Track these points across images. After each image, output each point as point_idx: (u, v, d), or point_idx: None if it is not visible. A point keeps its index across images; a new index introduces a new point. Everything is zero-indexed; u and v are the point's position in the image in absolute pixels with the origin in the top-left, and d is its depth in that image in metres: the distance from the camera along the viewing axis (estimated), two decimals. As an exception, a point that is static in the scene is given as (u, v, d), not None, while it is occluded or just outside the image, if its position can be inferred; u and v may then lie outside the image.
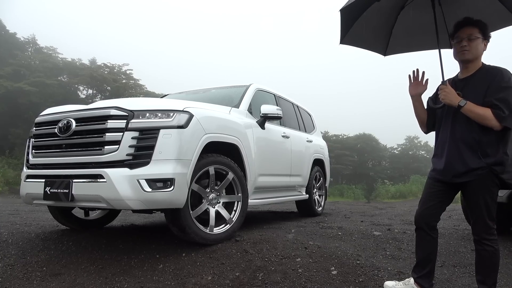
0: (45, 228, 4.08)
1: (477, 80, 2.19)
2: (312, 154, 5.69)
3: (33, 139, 3.30)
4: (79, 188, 2.87)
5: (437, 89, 2.34)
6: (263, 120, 4.19)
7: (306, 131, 5.86)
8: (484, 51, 2.23)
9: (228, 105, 4.01)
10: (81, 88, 28.84)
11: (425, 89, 2.44)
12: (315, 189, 5.78)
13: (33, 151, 3.27)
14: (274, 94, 5.11)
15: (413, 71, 2.46)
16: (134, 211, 3.18)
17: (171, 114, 2.96)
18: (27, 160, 3.34)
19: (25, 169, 3.35)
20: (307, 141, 5.61)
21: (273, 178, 4.47)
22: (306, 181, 5.42)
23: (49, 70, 26.13)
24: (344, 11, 2.65)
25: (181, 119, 2.97)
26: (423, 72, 2.43)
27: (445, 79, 2.30)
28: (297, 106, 5.91)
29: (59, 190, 2.93)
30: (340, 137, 41.56)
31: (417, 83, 2.44)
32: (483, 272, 2.19)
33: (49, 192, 2.98)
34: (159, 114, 2.95)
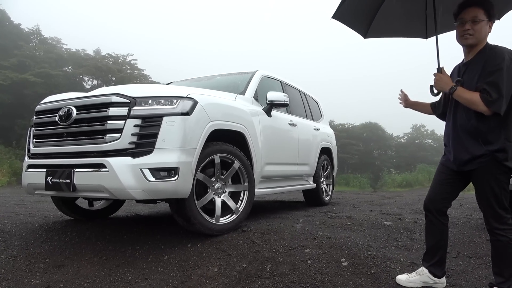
0: (49, 219, 4.03)
1: (475, 63, 2.09)
2: (320, 143, 5.57)
3: (33, 128, 3.22)
4: (80, 178, 2.78)
5: None
6: (270, 107, 4.07)
7: (313, 119, 5.73)
8: (489, 33, 2.11)
9: (234, 92, 3.89)
10: (86, 78, 28.85)
11: (410, 100, 2.62)
12: (322, 178, 5.67)
13: (34, 140, 3.18)
14: (280, 81, 4.98)
15: (399, 95, 2.67)
16: (138, 201, 3.09)
17: (175, 100, 2.85)
18: (28, 150, 3.26)
19: (26, 158, 3.27)
20: (315, 129, 5.48)
21: (280, 167, 4.37)
22: (313, 170, 5.31)
23: (53, 61, 26.11)
24: None
25: (185, 106, 2.86)
26: (401, 90, 2.65)
27: (440, 66, 2.23)
28: (304, 94, 5.78)
29: (60, 180, 2.84)
30: (346, 126, 41.23)
31: (404, 100, 2.64)
32: (500, 263, 2.10)
33: (50, 182, 2.90)
34: (162, 101, 2.84)
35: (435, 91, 2.28)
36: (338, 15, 2.79)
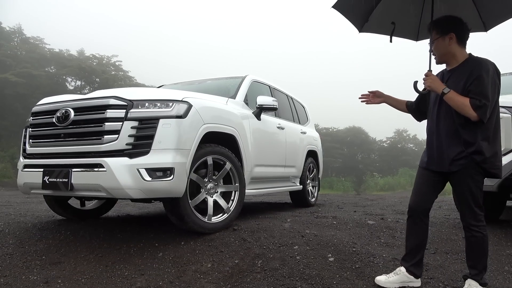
0: (41, 219, 4.07)
1: (460, 71, 2.26)
2: (306, 146, 5.75)
3: (30, 129, 3.28)
4: (78, 177, 2.88)
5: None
6: (259, 111, 4.22)
7: (300, 123, 5.92)
8: (457, 43, 2.28)
9: (225, 96, 4.03)
10: (69, 79, 28.47)
11: (380, 95, 2.71)
12: (308, 180, 5.85)
13: (30, 140, 3.25)
14: (269, 86, 5.14)
15: (360, 98, 2.78)
16: (133, 200, 3.19)
17: (170, 104, 2.98)
18: (24, 150, 3.32)
19: (21, 159, 3.33)
20: (301, 132, 5.67)
21: (269, 168, 4.52)
22: (300, 172, 5.49)
23: (36, 61, 25.72)
24: None
25: (180, 109, 2.99)
26: (364, 93, 2.76)
27: (431, 68, 2.39)
28: (292, 98, 5.96)
29: (58, 180, 2.93)
30: (330, 130, 41.86)
31: (372, 99, 2.73)
32: (473, 257, 2.28)
33: (47, 182, 2.98)
34: (158, 104, 2.96)
35: (424, 90, 2.39)
36: (339, 5, 2.80)
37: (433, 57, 2.40)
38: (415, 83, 2.47)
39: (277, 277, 2.56)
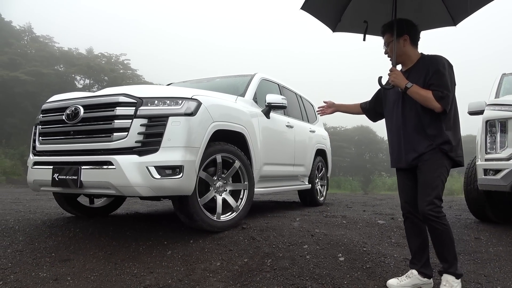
0: (50, 216, 4.09)
1: (417, 69, 2.33)
2: (315, 144, 5.71)
3: (39, 126, 3.29)
4: (87, 174, 2.87)
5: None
6: (268, 109, 4.20)
7: (309, 122, 5.88)
8: (410, 44, 2.36)
9: (234, 94, 4.01)
10: (78, 78, 28.69)
11: (331, 105, 2.89)
12: (317, 179, 5.82)
13: (40, 138, 3.26)
14: (278, 84, 5.11)
15: (317, 110, 3.02)
16: (142, 198, 3.19)
17: (180, 101, 2.96)
18: (34, 147, 3.33)
19: (31, 156, 3.35)
20: (310, 131, 5.63)
21: (278, 167, 4.50)
22: (308, 171, 5.45)
23: (45, 59, 25.96)
24: None
25: (190, 106, 2.97)
26: (321, 106, 2.96)
27: (395, 65, 2.40)
28: (300, 96, 5.92)
29: (67, 177, 2.93)
30: (338, 129, 41.67)
31: (326, 110, 2.91)
32: (441, 250, 2.25)
33: (57, 179, 2.98)
34: (168, 102, 2.94)
35: (388, 84, 2.41)
36: (307, 6, 2.71)
37: (388, 59, 2.43)
38: (380, 78, 2.49)
39: (287, 276, 2.53)
